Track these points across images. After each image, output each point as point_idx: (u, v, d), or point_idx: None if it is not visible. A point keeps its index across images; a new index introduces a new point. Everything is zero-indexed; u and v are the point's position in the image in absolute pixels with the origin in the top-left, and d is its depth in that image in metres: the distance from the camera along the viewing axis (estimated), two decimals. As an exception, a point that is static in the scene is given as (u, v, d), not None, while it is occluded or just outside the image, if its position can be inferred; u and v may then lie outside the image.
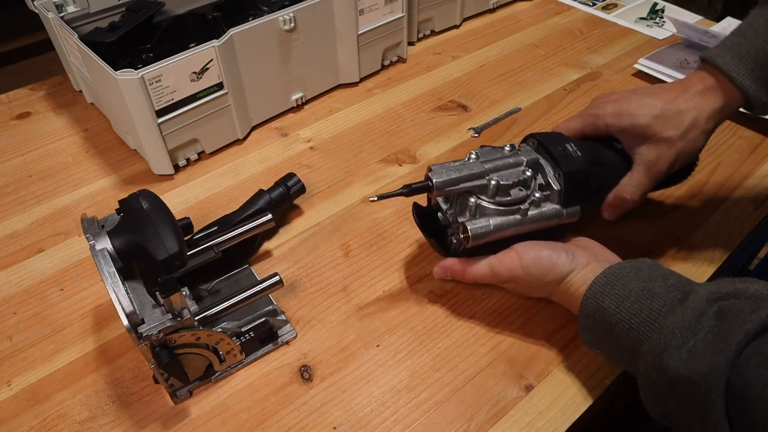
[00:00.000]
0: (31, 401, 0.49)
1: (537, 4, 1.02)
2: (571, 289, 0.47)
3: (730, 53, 0.50)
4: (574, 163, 0.50)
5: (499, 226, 0.49)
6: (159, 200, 0.46)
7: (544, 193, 0.50)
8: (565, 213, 0.51)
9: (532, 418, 0.46)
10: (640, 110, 0.51)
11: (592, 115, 0.54)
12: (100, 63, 0.61)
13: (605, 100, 0.54)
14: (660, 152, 0.51)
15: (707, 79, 0.51)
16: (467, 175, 0.48)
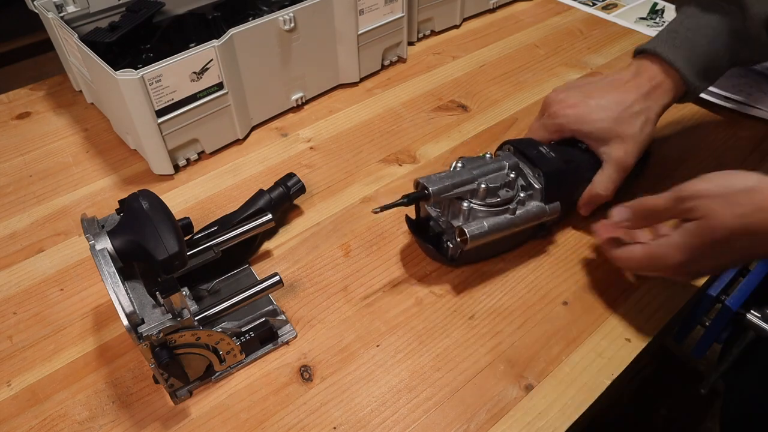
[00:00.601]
0: (31, 401, 0.49)
1: (537, 4, 1.02)
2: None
3: (671, 47, 0.57)
4: (552, 163, 0.55)
5: (492, 227, 0.52)
6: (159, 200, 0.46)
7: (527, 192, 0.55)
8: (548, 209, 0.55)
9: (532, 418, 0.46)
10: (599, 115, 0.56)
11: (558, 125, 0.59)
12: (100, 63, 0.61)
13: (563, 106, 0.58)
14: (626, 148, 0.56)
15: (657, 75, 0.57)
16: (459, 181, 0.52)
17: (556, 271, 0.57)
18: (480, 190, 0.52)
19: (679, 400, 1.22)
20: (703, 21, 0.57)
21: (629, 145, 0.56)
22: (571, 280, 0.57)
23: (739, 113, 0.74)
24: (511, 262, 0.58)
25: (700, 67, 0.57)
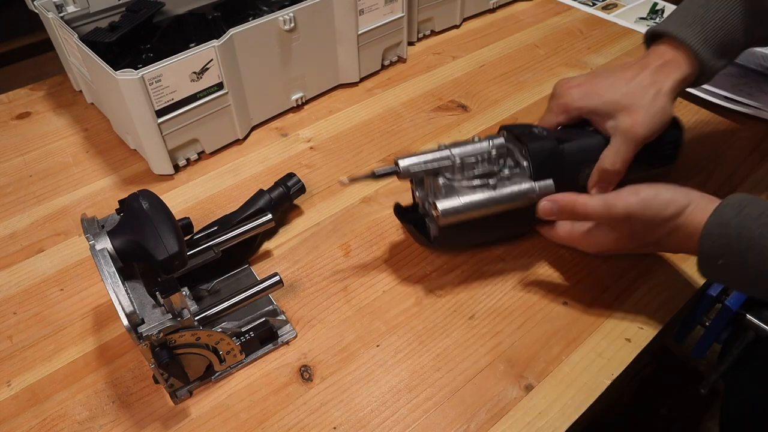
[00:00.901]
0: (31, 401, 0.49)
1: (537, 4, 1.02)
2: (695, 221, 0.45)
3: (681, 25, 0.54)
4: (539, 138, 0.53)
5: (469, 203, 0.50)
6: (159, 200, 0.46)
7: (513, 170, 0.52)
8: (538, 187, 0.51)
9: (532, 418, 0.46)
10: (606, 89, 0.54)
11: (562, 104, 0.56)
12: (100, 63, 0.61)
13: (568, 86, 0.56)
14: (634, 119, 0.52)
15: (666, 52, 0.54)
16: (433, 158, 0.50)
17: (556, 271, 0.57)
18: (456, 165, 0.50)
19: (679, 400, 1.22)
20: None
21: (638, 115, 0.52)
22: (571, 280, 0.57)
23: (739, 113, 0.74)
24: (511, 262, 0.58)
25: (715, 44, 0.54)
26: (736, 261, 0.42)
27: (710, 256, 0.44)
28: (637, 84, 0.53)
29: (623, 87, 0.53)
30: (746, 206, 0.43)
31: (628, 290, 0.55)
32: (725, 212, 0.43)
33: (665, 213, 0.46)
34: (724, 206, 0.44)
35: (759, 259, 0.41)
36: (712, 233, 0.44)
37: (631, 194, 0.47)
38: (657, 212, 0.46)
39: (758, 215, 0.42)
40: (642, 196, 0.46)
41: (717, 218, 0.44)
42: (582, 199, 0.49)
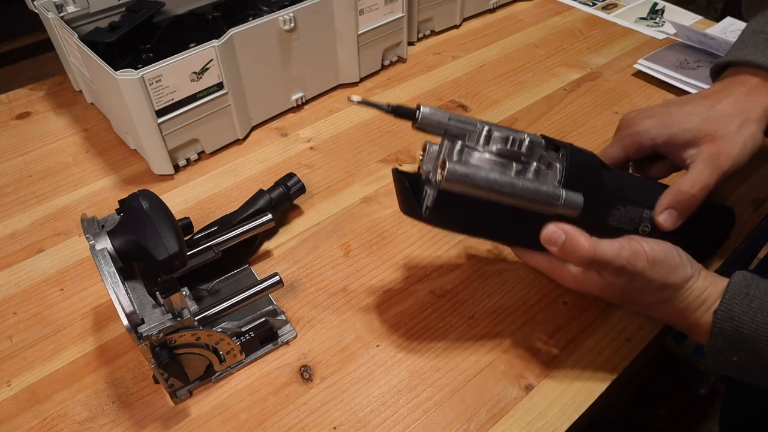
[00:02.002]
0: (31, 401, 0.49)
1: (537, 4, 1.02)
2: (693, 296, 0.42)
3: (758, 50, 0.48)
4: (582, 150, 0.46)
5: (483, 177, 0.41)
6: (159, 200, 0.46)
7: (543, 169, 0.44)
8: (564, 195, 0.43)
9: (532, 418, 0.46)
10: (685, 117, 0.47)
11: (633, 134, 0.49)
12: (100, 63, 0.61)
13: (639, 118, 0.50)
14: (720, 147, 0.46)
15: (749, 80, 0.48)
16: (458, 117, 0.43)
17: (556, 271, 0.57)
18: (483, 132, 0.42)
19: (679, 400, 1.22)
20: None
21: (723, 144, 0.46)
22: (571, 280, 0.57)
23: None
24: (511, 262, 0.58)
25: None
26: (750, 359, 0.40)
27: (723, 352, 0.41)
28: (721, 111, 0.47)
29: (704, 113, 0.47)
30: (755, 297, 0.40)
31: (628, 290, 0.55)
32: (734, 305, 0.40)
33: (669, 280, 0.42)
34: (731, 296, 0.40)
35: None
36: (724, 330, 0.40)
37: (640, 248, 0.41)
38: (663, 275, 0.41)
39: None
40: (651, 255, 0.41)
41: (726, 312, 0.40)
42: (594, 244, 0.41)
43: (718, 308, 0.41)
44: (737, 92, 0.48)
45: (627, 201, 0.46)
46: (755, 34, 0.50)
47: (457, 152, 0.43)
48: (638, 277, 0.41)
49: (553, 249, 0.42)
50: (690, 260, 0.43)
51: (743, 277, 0.42)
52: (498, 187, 0.42)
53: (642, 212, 0.47)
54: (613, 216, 0.46)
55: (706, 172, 0.46)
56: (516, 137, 0.43)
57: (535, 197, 0.42)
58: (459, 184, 0.41)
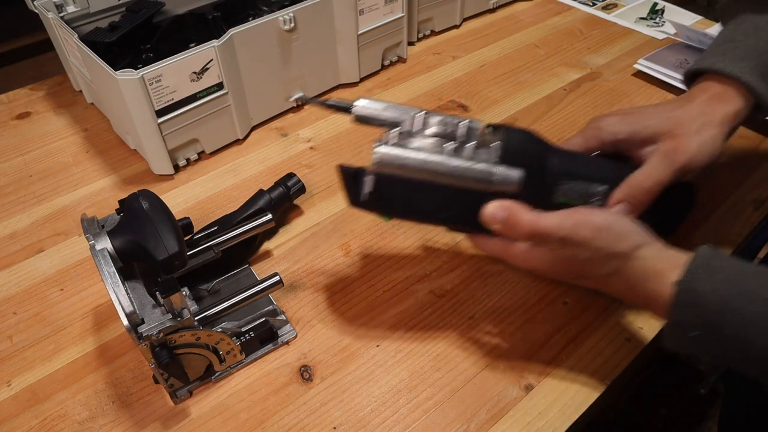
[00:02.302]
0: (31, 401, 0.49)
1: (537, 4, 1.02)
2: (645, 265, 0.41)
3: (726, 59, 0.48)
4: (519, 128, 0.46)
5: (413, 158, 0.42)
6: (159, 200, 0.46)
7: (480, 147, 0.44)
8: (499, 173, 0.42)
9: (532, 418, 0.46)
10: (648, 115, 0.48)
11: (595, 127, 0.50)
12: (100, 63, 0.61)
13: (606, 114, 0.51)
14: (677, 143, 0.46)
15: (713, 87, 0.49)
16: (393, 106, 0.45)
17: (556, 271, 0.57)
18: (417, 118, 0.44)
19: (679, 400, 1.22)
20: (762, 22, 0.49)
21: (681, 141, 0.46)
22: (571, 280, 0.57)
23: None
24: (511, 262, 0.58)
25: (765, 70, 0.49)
26: (713, 334, 0.38)
27: (683, 327, 0.39)
28: (683, 114, 0.48)
29: (665, 113, 0.48)
30: (718, 269, 0.39)
31: (628, 290, 0.55)
32: (697, 277, 0.39)
33: (616, 248, 0.41)
34: (694, 268, 0.39)
35: (739, 334, 0.37)
36: (686, 302, 0.39)
37: (584, 215, 0.42)
38: (610, 243, 0.41)
39: (735, 281, 0.38)
40: (596, 223, 0.41)
41: (689, 283, 0.39)
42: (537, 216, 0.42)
43: (679, 280, 0.39)
44: (701, 98, 0.49)
45: (573, 176, 0.46)
46: (725, 41, 0.50)
47: (391, 137, 0.44)
48: (583, 246, 0.41)
49: (496, 227, 0.43)
50: (641, 230, 0.42)
51: (707, 249, 0.40)
52: (429, 166, 0.42)
53: (591, 186, 0.46)
54: (559, 191, 0.46)
55: (660, 167, 0.46)
56: (451, 121, 0.44)
57: (469, 175, 0.42)
58: (390, 166, 0.42)
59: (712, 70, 0.49)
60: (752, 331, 0.36)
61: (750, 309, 0.37)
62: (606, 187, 0.46)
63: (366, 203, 0.45)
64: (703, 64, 0.50)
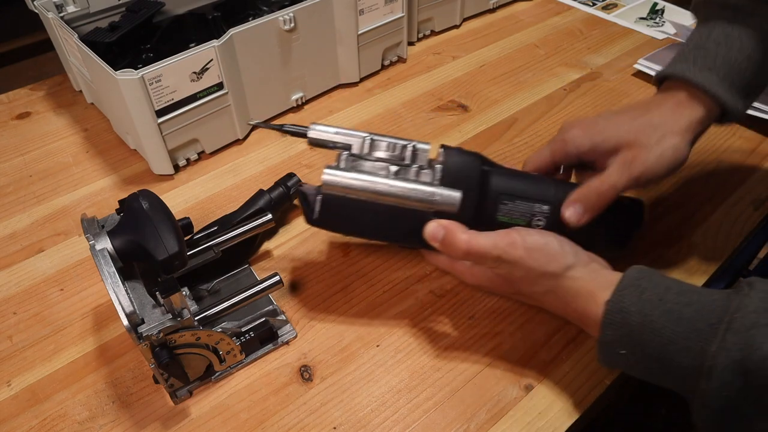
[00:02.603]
0: (31, 401, 0.49)
1: (537, 4, 1.02)
2: (576, 285, 0.43)
3: (695, 66, 0.48)
4: (463, 150, 0.48)
5: (358, 180, 0.45)
6: (159, 200, 0.46)
7: (423, 170, 0.47)
8: (440, 194, 0.45)
9: (532, 418, 0.46)
10: (610, 126, 0.49)
11: (560, 140, 0.51)
12: (100, 63, 0.61)
13: (571, 125, 0.51)
14: (635, 154, 0.47)
15: (678, 93, 0.49)
16: (345, 131, 0.49)
17: (556, 271, 0.57)
18: (365, 143, 0.47)
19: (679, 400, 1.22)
20: (734, 32, 0.49)
21: (640, 151, 0.47)
22: (571, 280, 0.56)
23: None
24: (511, 262, 0.58)
25: (740, 86, 0.48)
26: (639, 352, 0.40)
27: (612, 345, 0.41)
28: (645, 122, 0.48)
29: (628, 122, 0.48)
30: (645, 289, 0.40)
31: (628, 290, 0.55)
32: (625, 296, 0.40)
33: (547, 268, 0.44)
34: (623, 288, 0.41)
35: (661, 352, 0.39)
36: (614, 322, 0.40)
37: (516, 238, 0.44)
38: (541, 263, 0.44)
39: (659, 300, 0.39)
40: (528, 244, 0.44)
41: (617, 303, 0.40)
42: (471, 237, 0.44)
43: (609, 299, 0.41)
44: (667, 104, 0.49)
45: (515, 196, 0.48)
46: (696, 48, 0.50)
47: (342, 160, 0.48)
48: (517, 265, 0.44)
49: (436, 244, 0.46)
50: (575, 251, 0.45)
51: (637, 270, 0.42)
52: (374, 187, 0.45)
53: (533, 206, 0.48)
54: (501, 211, 0.48)
55: (616, 174, 0.47)
56: (398, 143, 0.48)
57: (411, 196, 0.45)
58: (337, 187, 0.46)
59: (682, 77, 0.49)
60: (672, 349, 0.38)
61: (671, 328, 0.38)
62: (548, 207, 0.48)
63: (318, 221, 0.48)
64: (674, 71, 0.50)
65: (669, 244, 0.59)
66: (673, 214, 0.63)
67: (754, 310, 0.35)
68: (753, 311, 0.35)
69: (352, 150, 0.48)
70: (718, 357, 0.35)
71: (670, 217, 0.62)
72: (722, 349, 0.35)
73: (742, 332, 0.35)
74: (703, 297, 0.39)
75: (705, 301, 0.38)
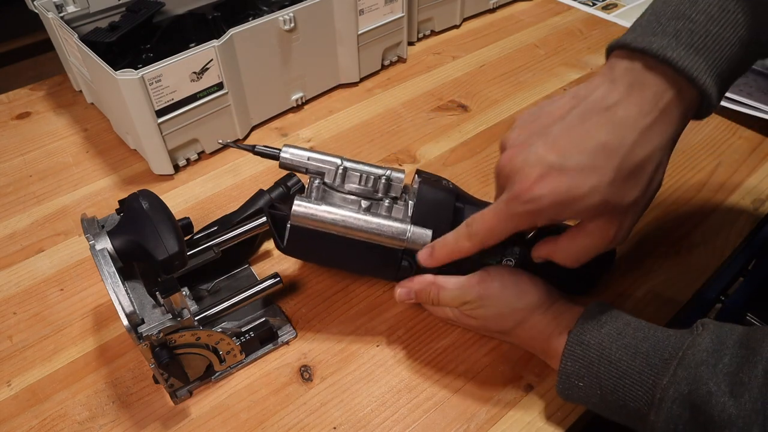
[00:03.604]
0: (31, 401, 0.49)
1: (537, 4, 1.02)
2: (544, 321, 0.45)
3: (680, 45, 0.35)
4: (437, 185, 0.47)
5: (328, 214, 0.45)
6: (159, 200, 0.46)
7: (397, 205, 0.47)
8: (411, 231, 0.45)
9: (532, 418, 0.46)
10: (587, 184, 0.35)
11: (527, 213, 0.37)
12: (100, 63, 0.61)
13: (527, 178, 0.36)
14: (621, 224, 0.38)
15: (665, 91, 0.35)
16: (318, 157, 0.47)
17: (556, 271, 0.57)
18: (338, 171, 0.46)
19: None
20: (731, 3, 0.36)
21: (626, 219, 0.38)
22: (571, 280, 0.56)
23: (739, 113, 0.74)
24: (511, 262, 0.58)
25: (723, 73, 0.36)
26: (596, 384, 0.40)
27: (570, 377, 0.41)
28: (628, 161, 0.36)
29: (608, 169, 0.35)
30: (605, 323, 0.41)
31: (629, 290, 0.55)
32: (586, 329, 0.41)
33: (519, 303, 0.45)
34: (584, 321, 0.42)
35: (616, 384, 0.39)
36: (574, 353, 0.41)
37: (488, 275, 0.45)
38: (513, 298, 0.45)
39: (617, 334, 0.40)
40: (502, 280, 0.45)
41: (578, 335, 0.41)
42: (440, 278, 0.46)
43: (571, 332, 0.42)
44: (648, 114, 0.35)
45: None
46: (676, 17, 0.36)
47: (313, 191, 0.47)
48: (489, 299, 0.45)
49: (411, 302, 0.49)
50: (545, 290, 0.46)
51: (598, 305, 0.43)
52: (344, 221, 0.45)
53: (505, 248, 0.48)
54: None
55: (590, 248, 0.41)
56: (371, 175, 0.47)
57: (383, 232, 0.45)
58: (306, 219, 0.45)
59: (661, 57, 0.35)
60: (627, 382, 0.39)
61: (627, 361, 0.39)
62: (518, 249, 0.48)
63: (286, 250, 0.48)
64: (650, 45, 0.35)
65: (669, 244, 0.59)
66: (672, 214, 0.63)
67: (704, 349, 0.37)
68: (703, 350, 0.37)
69: (324, 178, 0.48)
70: (668, 389, 0.37)
71: (670, 218, 0.62)
72: (672, 382, 0.37)
73: (692, 368, 0.36)
74: (659, 333, 0.40)
75: (660, 337, 0.40)
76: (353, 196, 0.47)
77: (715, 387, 0.35)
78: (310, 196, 0.47)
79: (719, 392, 0.34)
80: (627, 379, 0.39)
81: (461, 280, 0.46)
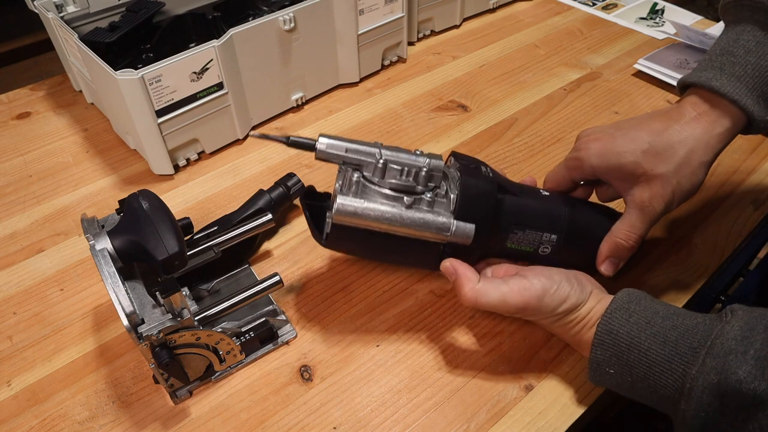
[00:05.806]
0: (31, 401, 0.49)
1: (537, 4, 1.02)
2: (579, 318, 0.45)
3: (723, 75, 0.46)
4: (480, 176, 0.47)
5: (371, 211, 0.44)
6: (159, 200, 0.46)
7: (438, 198, 0.46)
8: (455, 227, 0.45)
9: (532, 418, 0.46)
10: (626, 146, 0.46)
11: (575, 158, 0.49)
12: (100, 63, 0.61)
13: (588, 138, 0.49)
14: (653, 191, 0.46)
15: (700, 104, 0.47)
16: (356, 147, 0.45)
17: (556, 271, 0.57)
18: (378, 165, 0.44)
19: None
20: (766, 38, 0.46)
21: (656, 187, 0.46)
22: (571, 280, 0.56)
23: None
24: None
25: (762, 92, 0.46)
26: (626, 372, 0.42)
27: (601, 365, 0.43)
28: (664, 140, 0.46)
29: (646, 141, 0.46)
30: (634, 312, 0.42)
31: (628, 290, 0.55)
32: (614, 319, 0.43)
33: (558, 310, 0.45)
34: (612, 311, 0.43)
35: (647, 373, 0.40)
36: (603, 343, 0.42)
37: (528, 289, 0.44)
38: (552, 308, 0.45)
39: (646, 324, 0.41)
40: (540, 293, 0.44)
41: (606, 325, 0.43)
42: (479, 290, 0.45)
43: (600, 322, 0.43)
44: (687, 116, 0.47)
45: (525, 226, 0.48)
46: (723, 53, 0.47)
47: (352, 185, 0.45)
48: (528, 310, 0.45)
49: (451, 280, 0.47)
50: (581, 286, 0.46)
51: (627, 294, 0.44)
52: (388, 220, 0.44)
53: (541, 236, 0.49)
54: (511, 239, 0.48)
55: (638, 222, 0.48)
56: (412, 168, 0.45)
57: (426, 228, 0.45)
58: (348, 218, 0.44)
59: (708, 87, 0.46)
60: (657, 370, 0.40)
61: (656, 350, 0.40)
62: (556, 237, 0.49)
63: (327, 245, 0.48)
64: (699, 79, 0.47)
65: (669, 244, 0.59)
66: (672, 214, 0.63)
67: (732, 337, 0.37)
68: (732, 338, 0.37)
69: (363, 170, 0.46)
70: (698, 379, 0.37)
71: (670, 217, 0.62)
72: (701, 372, 0.37)
73: (720, 357, 0.37)
74: (688, 321, 0.41)
75: (689, 325, 0.40)
76: (394, 192, 0.45)
77: (744, 374, 0.35)
78: (349, 190, 0.45)
79: (749, 378, 0.35)
80: (657, 367, 0.40)
81: (503, 292, 0.44)
